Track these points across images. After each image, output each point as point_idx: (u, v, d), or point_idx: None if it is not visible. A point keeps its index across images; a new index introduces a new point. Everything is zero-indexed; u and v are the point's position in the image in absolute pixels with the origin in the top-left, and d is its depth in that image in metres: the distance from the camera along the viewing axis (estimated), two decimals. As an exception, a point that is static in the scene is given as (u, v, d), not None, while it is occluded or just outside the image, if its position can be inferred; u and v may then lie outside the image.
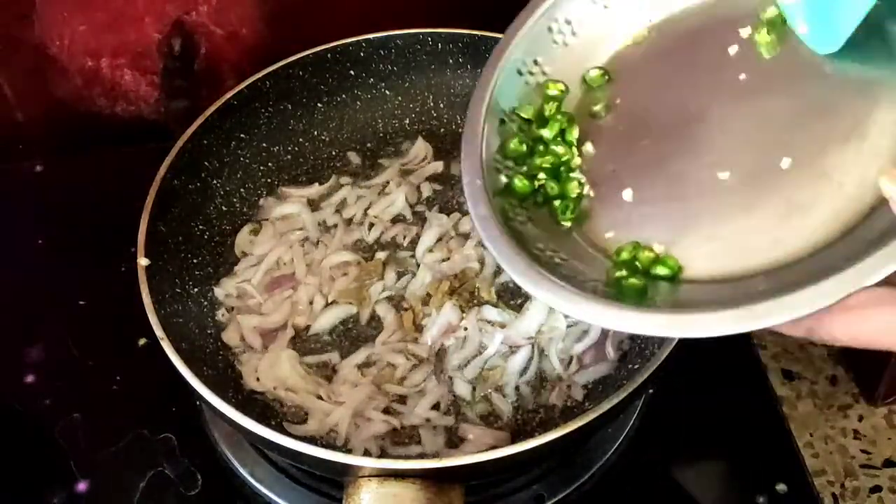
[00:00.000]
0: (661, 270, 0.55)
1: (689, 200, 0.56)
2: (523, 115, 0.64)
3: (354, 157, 0.94)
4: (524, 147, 0.63)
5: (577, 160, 0.62)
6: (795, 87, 0.56)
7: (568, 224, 0.60)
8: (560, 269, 0.56)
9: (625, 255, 0.56)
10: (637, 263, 0.56)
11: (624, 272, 0.56)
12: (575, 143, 0.63)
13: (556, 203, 0.61)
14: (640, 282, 0.55)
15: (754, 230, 0.53)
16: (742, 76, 0.58)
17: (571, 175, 0.62)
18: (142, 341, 0.85)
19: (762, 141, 0.55)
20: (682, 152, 0.58)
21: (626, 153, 0.61)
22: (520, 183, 0.62)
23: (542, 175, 0.62)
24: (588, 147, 0.63)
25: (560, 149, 0.62)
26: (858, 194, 0.50)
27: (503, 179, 0.62)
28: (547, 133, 0.63)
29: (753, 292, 0.48)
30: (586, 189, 0.61)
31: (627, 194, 0.59)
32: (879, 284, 0.44)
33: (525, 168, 0.63)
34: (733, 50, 0.60)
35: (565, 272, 0.56)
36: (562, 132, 0.63)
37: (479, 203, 0.59)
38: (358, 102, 0.94)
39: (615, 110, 0.63)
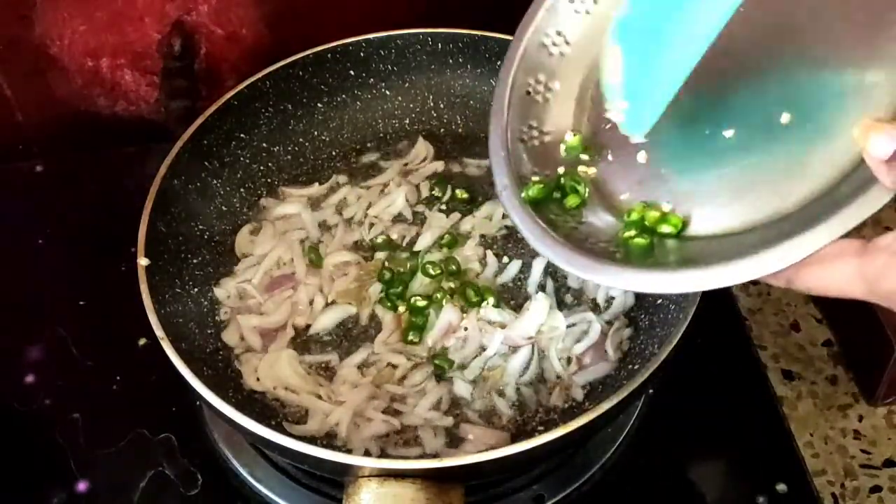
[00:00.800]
0: (664, 228, 0.58)
1: (696, 160, 0.59)
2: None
3: (354, 157, 0.94)
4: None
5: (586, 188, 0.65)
6: (799, 42, 0.57)
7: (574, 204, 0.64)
8: (575, 233, 0.60)
9: (634, 216, 0.60)
10: (645, 223, 0.59)
11: (632, 232, 0.59)
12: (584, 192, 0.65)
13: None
14: (646, 240, 0.58)
15: (755, 186, 0.55)
16: (748, 33, 0.59)
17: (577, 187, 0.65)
18: (142, 341, 0.85)
19: (765, 97, 0.57)
20: (692, 113, 0.60)
21: None
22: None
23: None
24: (609, 115, 0.65)
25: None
26: (850, 149, 0.51)
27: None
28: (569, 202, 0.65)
29: (744, 246, 0.51)
30: (592, 171, 0.65)
31: (642, 157, 0.61)
32: (845, 236, 0.47)
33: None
34: (742, 7, 0.60)
35: (580, 236, 0.60)
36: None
37: (502, 173, 0.64)
38: (358, 102, 0.94)
39: None
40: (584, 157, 0.65)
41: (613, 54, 0.61)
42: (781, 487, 0.76)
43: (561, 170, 0.65)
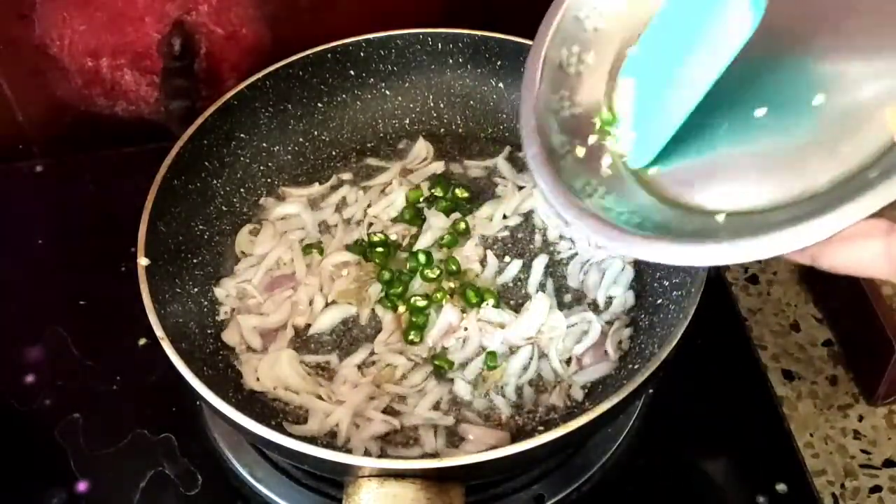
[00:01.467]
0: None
1: (727, 137, 0.58)
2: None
3: (354, 157, 0.94)
4: None
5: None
6: (834, 24, 0.57)
7: None
8: (602, 202, 0.60)
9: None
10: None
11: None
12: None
13: None
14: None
15: (785, 165, 0.55)
16: (784, 14, 0.59)
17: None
18: (142, 341, 0.85)
19: (798, 78, 0.57)
20: (724, 90, 0.59)
21: None
22: None
23: None
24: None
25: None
26: (882, 132, 0.51)
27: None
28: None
29: (771, 223, 0.51)
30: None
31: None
32: (872, 216, 0.47)
33: None
34: None
35: (607, 205, 0.60)
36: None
37: (532, 142, 0.64)
38: (358, 102, 0.94)
39: None
40: (615, 130, 0.65)
41: (626, 86, 0.62)
42: (781, 487, 0.76)
43: (592, 139, 0.65)
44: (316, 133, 0.94)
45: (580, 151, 0.64)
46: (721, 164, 0.58)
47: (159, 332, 0.68)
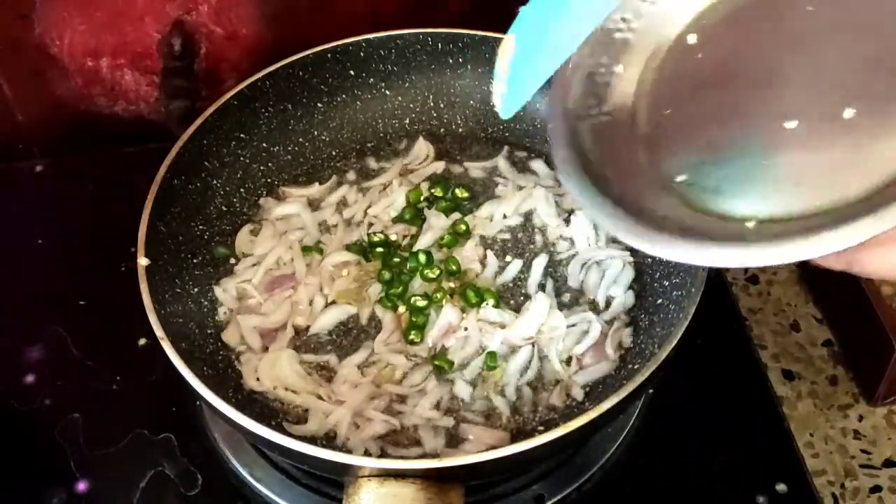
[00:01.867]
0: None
1: (759, 148, 0.59)
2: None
3: (354, 157, 0.94)
4: None
5: None
6: (863, 37, 0.58)
7: None
8: (632, 205, 0.60)
9: None
10: None
11: None
12: None
13: None
14: None
15: (816, 176, 0.55)
16: (816, 27, 0.60)
17: None
18: (142, 341, 0.85)
19: (829, 91, 0.57)
20: (756, 103, 0.60)
21: (705, 104, 0.64)
22: None
23: None
24: (670, 99, 0.65)
25: None
26: None
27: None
28: None
29: (805, 227, 0.52)
30: None
31: (703, 141, 0.62)
32: None
33: None
34: (811, 2, 0.62)
35: (636, 208, 0.60)
36: None
37: (561, 146, 0.64)
38: (358, 102, 0.94)
39: (699, 65, 0.66)
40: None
41: (508, 41, 0.63)
42: (781, 487, 0.76)
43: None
44: (316, 133, 0.94)
45: (609, 159, 0.64)
46: (754, 175, 0.58)
47: (159, 332, 0.68)
